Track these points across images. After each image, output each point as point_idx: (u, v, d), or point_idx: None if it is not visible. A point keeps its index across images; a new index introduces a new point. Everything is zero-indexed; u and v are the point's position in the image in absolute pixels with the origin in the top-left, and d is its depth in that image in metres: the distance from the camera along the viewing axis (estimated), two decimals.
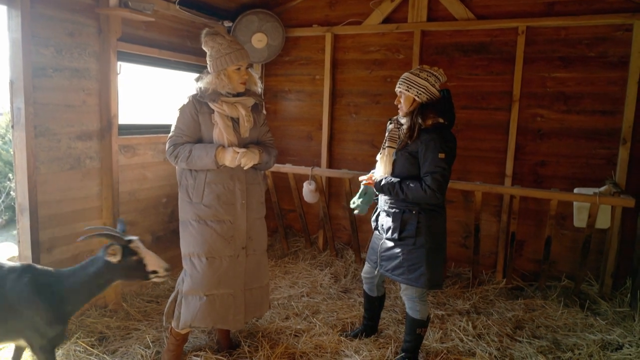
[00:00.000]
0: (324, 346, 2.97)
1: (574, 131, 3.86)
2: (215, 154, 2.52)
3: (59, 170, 3.05)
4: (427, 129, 2.51)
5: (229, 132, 2.58)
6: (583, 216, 3.50)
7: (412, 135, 2.51)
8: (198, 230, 2.62)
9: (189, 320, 2.65)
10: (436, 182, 2.43)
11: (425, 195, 2.46)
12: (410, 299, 2.69)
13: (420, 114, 2.50)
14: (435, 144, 2.45)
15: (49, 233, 3.01)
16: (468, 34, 4.09)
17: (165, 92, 4.19)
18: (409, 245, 2.58)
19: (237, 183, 2.65)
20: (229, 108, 2.59)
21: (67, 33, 3.02)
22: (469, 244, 4.23)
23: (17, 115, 2.75)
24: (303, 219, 4.50)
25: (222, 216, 2.63)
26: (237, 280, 2.70)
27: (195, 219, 2.63)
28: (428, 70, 2.56)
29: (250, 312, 2.80)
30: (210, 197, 2.61)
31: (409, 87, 2.54)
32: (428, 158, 2.46)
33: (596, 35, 3.71)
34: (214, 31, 2.62)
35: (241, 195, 2.67)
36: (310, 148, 4.87)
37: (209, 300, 2.63)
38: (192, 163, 2.56)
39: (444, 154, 2.44)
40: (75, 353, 2.82)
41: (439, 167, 2.44)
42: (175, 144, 2.60)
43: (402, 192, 2.52)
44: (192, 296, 2.65)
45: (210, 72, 2.60)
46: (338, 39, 4.60)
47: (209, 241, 2.62)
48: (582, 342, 3.09)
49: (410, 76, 2.56)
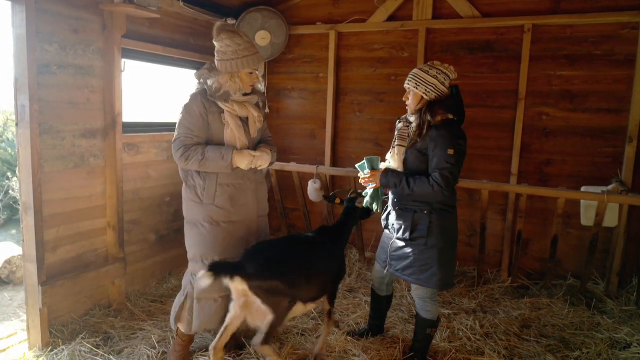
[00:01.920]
0: (332, 346, 2.95)
1: (579, 129, 3.85)
2: (232, 158, 2.47)
3: (63, 169, 3.01)
4: (436, 125, 2.47)
5: (241, 133, 2.55)
6: (591, 215, 3.49)
7: (421, 133, 2.48)
8: (210, 232, 2.57)
9: (204, 324, 2.61)
10: (444, 178, 2.39)
11: (432, 192, 2.41)
12: (421, 298, 2.67)
13: (430, 111, 2.46)
14: (445, 140, 2.41)
15: (53, 232, 2.97)
16: (473, 32, 4.08)
17: (168, 89, 4.15)
18: (421, 245, 2.55)
19: (248, 183, 2.64)
20: (239, 108, 2.55)
21: (71, 29, 2.98)
22: (474, 243, 4.22)
23: (21, 113, 2.71)
24: (307, 217, 4.47)
25: (234, 217, 2.60)
26: None
27: (208, 220, 2.57)
28: (438, 68, 2.51)
29: None
30: (223, 199, 2.56)
31: (418, 85, 2.50)
32: (437, 154, 2.42)
33: (602, 34, 3.70)
34: (232, 29, 2.53)
35: (252, 196, 2.66)
36: (313, 147, 4.84)
37: (224, 302, 2.59)
38: (205, 166, 2.49)
39: (453, 150, 2.40)
40: (80, 353, 2.79)
41: (448, 163, 2.40)
42: (186, 146, 2.49)
43: (408, 187, 2.47)
44: (207, 300, 2.60)
45: (221, 71, 2.51)
46: (342, 36, 4.58)
47: (222, 243, 2.58)
48: (590, 341, 3.09)
49: (419, 73, 2.52)
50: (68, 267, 3.09)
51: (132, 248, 3.64)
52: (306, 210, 4.45)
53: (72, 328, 3.07)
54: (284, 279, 2.38)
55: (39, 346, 2.86)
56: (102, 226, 3.32)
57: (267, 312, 2.34)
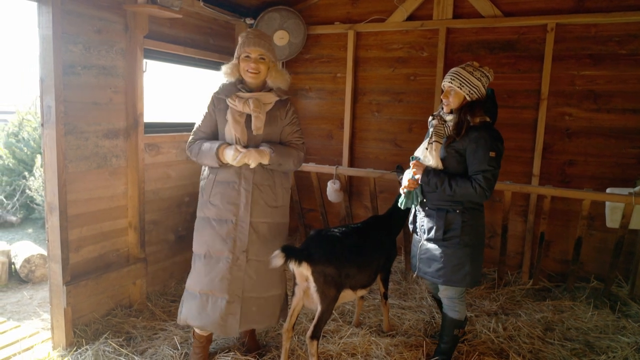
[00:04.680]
0: (355, 347, 2.93)
1: (603, 130, 3.80)
2: (217, 151, 2.50)
3: (86, 169, 3.02)
4: (475, 126, 2.45)
5: (236, 128, 2.53)
6: (616, 217, 3.44)
7: (459, 132, 2.45)
8: (201, 227, 2.65)
9: (186, 316, 2.66)
10: (487, 181, 2.39)
11: (475, 194, 2.41)
12: (450, 298, 2.65)
13: (470, 112, 2.44)
14: (486, 142, 2.40)
15: (76, 232, 2.98)
16: (494, 31, 4.03)
17: (187, 89, 4.15)
18: (455, 244, 2.53)
19: (243, 183, 2.57)
20: (240, 103, 2.54)
21: (95, 30, 2.99)
22: (494, 244, 4.18)
23: (47, 114, 2.72)
24: (325, 218, 4.45)
25: (224, 215, 2.57)
26: (235, 285, 2.56)
27: (202, 216, 2.65)
28: (481, 70, 2.49)
29: (250, 321, 2.64)
30: (217, 197, 2.59)
31: (462, 85, 2.46)
32: (479, 156, 2.41)
33: (628, 32, 3.64)
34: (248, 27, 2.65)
35: (246, 196, 2.56)
36: (331, 147, 4.82)
37: (202, 300, 2.59)
38: (201, 159, 2.59)
39: (495, 152, 2.40)
40: (104, 353, 2.79)
41: (490, 166, 2.39)
42: (193, 139, 2.67)
43: (450, 188, 2.45)
44: (189, 292, 2.67)
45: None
46: (360, 36, 4.55)
47: (207, 240, 2.60)
48: (615, 345, 3.04)
49: (463, 73, 2.48)
50: (91, 267, 3.10)
51: (152, 248, 3.64)
52: (324, 210, 4.43)
53: (94, 328, 3.08)
54: (340, 268, 2.60)
55: (62, 345, 2.87)
56: (123, 226, 3.32)
57: (317, 302, 2.54)
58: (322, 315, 2.57)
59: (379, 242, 2.98)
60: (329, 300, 2.57)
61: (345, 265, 2.65)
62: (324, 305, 2.55)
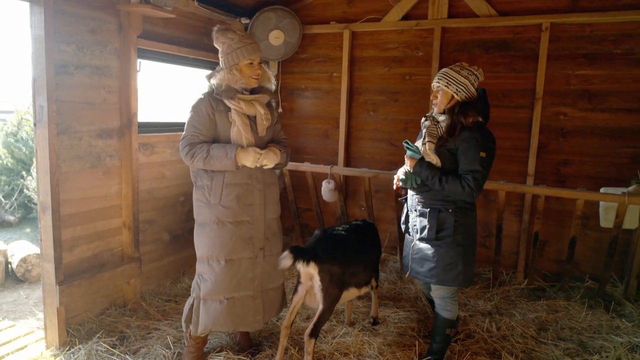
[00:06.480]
0: (348, 347, 2.94)
1: (598, 130, 3.79)
2: (236, 155, 2.46)
3: (79, 169, 3.02)
4: (467, 127, 2.46)
5: (247, 131, 2.53)
6: (610, 216, 3.43)
7: (452, 133, 2.46)
8: (217, 233, 2.57)
9: (209, 325, 2.60)
10: (476, 181, 2.40)
11: (462, 192, 2.42)
12: (442, 298, 2.65)
13: (462, 112, 2.45)
14: (478, 142, 2.41)
15: (70, 232, 2.98)
16: (489, 30, 4.03)
17: (182, 89, 4.16)
18: (447, 244, 2.54)
19: (255, 183, 2.60)
20: (246, 106, 2.54)
21: (88, 30, 2.99)
22: (489, 244, 4.18)
23: (39, 113, 2.72)
24: (320, 217, 4.45)
25: (240, 217, 2.58)
26: (255, 282, 2.65)
27: (214, 220, 2.57)
28: (469, 69, 2.51)
29: (268, 313, 2.76)
30: (229, 198, 2.55)
31: (449, 84, 2.48)
32: (470, 156, 2.41)
33: (623, 32, 3.64)
34: (225, 27, 2.60)
35: (259, 196, 2.62)
36: (326, 146, 4.82)
37: (230, 304, 2.59)
38: (210, 164, 2.49)
39: (485, 153, 2.40)
40: (97, 353, 2.80)
41: (480, 166, 2.40)
42: (191, 144, 2.52)
43: (439, 183, 2.45)
44: (212, 300, 2.59)
45: (223, 68, 2.56)
46: (356, 36, 4.55)
47: (228, 243, 2.56)
48: (609, 345, 3.04)
49: (450, 72, 2.50)
50: (84, 266, 3.11)
51: (147, 248, 3.65)
52: (319, 210, 4.44)
53: (88, 327, 3.08)
54: (346, 267, 2.66)
55: (56, 345, 2.88)
56: (117, 226, 3.33)
57: (319, 301, 2.56)
58: (323, 314, 2.58)
59: (374, 240, 3.10)
60: (331, 300, 2.60)
61: (351, 264, 2.71)
62: (326, 305, 2.58)
